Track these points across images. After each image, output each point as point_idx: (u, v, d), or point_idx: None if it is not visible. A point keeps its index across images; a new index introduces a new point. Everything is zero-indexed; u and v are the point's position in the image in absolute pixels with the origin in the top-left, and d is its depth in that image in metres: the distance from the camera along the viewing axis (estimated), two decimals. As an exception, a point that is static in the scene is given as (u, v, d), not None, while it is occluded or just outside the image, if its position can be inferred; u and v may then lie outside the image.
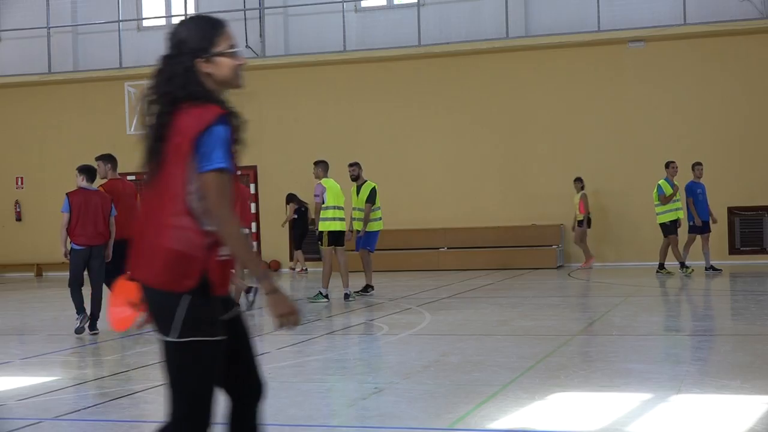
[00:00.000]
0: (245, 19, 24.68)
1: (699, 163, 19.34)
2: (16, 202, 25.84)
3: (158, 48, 17.30)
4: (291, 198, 23.35)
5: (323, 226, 15.33)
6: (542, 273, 20.81)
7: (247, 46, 24.58)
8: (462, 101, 23.49)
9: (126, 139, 24.69)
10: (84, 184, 12.15)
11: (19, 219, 26.04)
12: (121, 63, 25.41)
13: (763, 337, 10.46)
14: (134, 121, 24.37)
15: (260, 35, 24.70)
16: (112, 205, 12.27)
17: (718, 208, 21.78)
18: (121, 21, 25.47)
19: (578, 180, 21.74)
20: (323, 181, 15.50)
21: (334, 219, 15.33)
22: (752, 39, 22.05)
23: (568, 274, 20.35)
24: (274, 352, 10.25)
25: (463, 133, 23.44)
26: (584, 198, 21.58)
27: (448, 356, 9.49)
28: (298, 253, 23.56)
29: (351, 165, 16.47)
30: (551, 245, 22.51)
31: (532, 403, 6.95)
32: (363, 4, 24.72)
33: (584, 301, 15.66)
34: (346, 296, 15.38)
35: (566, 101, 22.92)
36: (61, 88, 25.82)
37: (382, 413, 6.89)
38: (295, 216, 23.34)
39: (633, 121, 22.61)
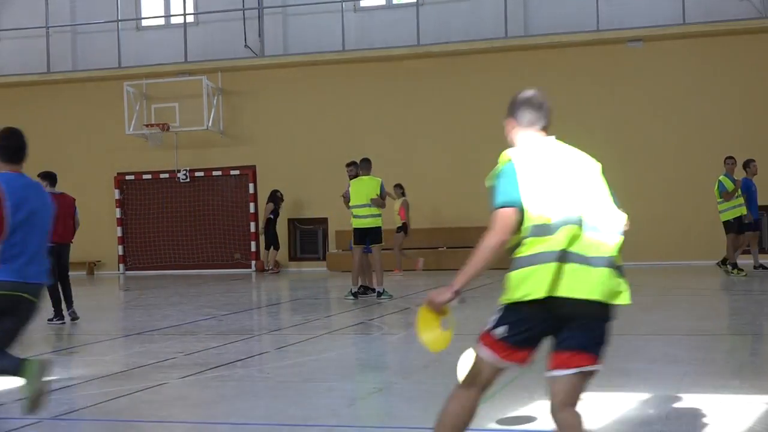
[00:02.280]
0: (244, 18, 24.67)
1: (753, 160, 18.85)
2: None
3: (157, 47, 17.50)
4: (271, 197, 23.55)
5: (353, 224, 15.68)
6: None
7: (246, 46, 24.58)
8: (461, 101, 23.48)
9: (125, 139, 24.72)
10: (48, 189, 12.97)
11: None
12: (120, 63, 25.39)
13: (762, 336, 10.47)
14: (133, 121, 24.39)
15: (259, 35, 24.69)
16: (75, 208, 13.50)
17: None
18: (120, 21, 25.44)
19: (398, 186, 21.61)
20: (353, 180, 15.71)
21: (355, 217, 15.56)
22: (751, 38, 22.05)
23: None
24: (274, 352, 10.26)
25: (463, 132, 23.43)
26: (405, 205, 21.51)
27: (448, 356, 9.42)
28: (268, 254, 23.69)
29: (348, 165, 16.39)
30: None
31: (532, 403, 6.95)
32: (362, 3, 24.71)
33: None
34: (379, 294, 15.39)
35: (564, 100, 22.89)
36: (60, 88, 25.79)
37: (382, 413, 6.89)
38: (271, 216, 23.49)
39: (631, 121, 22.60)
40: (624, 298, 4.74)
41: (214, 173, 24.74)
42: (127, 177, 25.27)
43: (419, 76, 23.70)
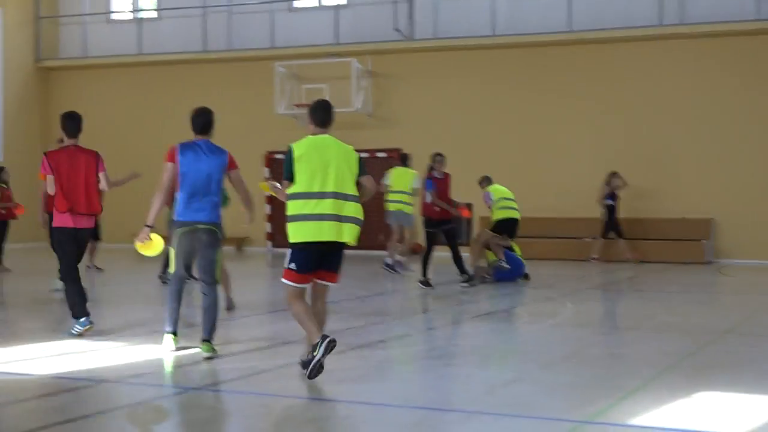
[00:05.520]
0: (395, 1, 24.76)
1: None
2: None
3: (308, 29, 18.06)
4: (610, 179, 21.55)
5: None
6: (690, 268, 20.27)
7: (396, 29, 24.68)
8: (613, 89, 23.01)
9: (274, 118, 25.20)
10: None
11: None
12: (272, 43, 25.87)
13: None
14: (283, 101, 24.82)
15: (410, 18, 24.75)
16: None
17: None
18: (274, 2, 25.90)
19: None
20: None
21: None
22: None
23: (718, 271, 19.77)
24: (415, 335, 10.31)
25: (612, 121, 22.99)
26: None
27: (589, 348, 9.36)
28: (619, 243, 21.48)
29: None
30: (700, 239, 21.89)
31: (674, 401, 6.80)
32: (515, -12, 24.46)
33: (733, 298, 15.20)
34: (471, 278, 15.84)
35: (716, 93, 22.20)
36: (216, 66, 26.48)
37: (520, 402, 6.85)
38: (610, 201, 21.59)
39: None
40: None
41: (361, 155, 24.93)
42: (276, 156, 25.77)
43: (570, 63, 23.34)
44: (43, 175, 9.89)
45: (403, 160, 18.43)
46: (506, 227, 16.23)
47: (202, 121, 8.82)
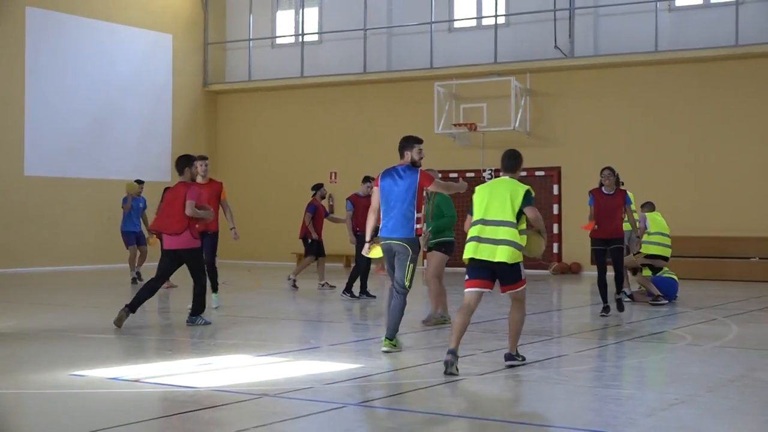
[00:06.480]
0: (555, 19, 24.57)
1: None
2: (329, 196, 27.11)
3: (467, 49, 18.29)
4: None
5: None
6: None
7: (555, 47, 24.48)
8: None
9: (434, 138, 25.30)
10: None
11: (331, 212, 27.32)
12: (431, 63, 26.05)
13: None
14: (442, 121, 24.93)
15: (569, 36, 24.50)
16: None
17: None
18: (433, 23, 26.09)
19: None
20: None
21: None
22: None
23: None
24: (572, 355, 10.17)
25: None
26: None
27: (757, 371, 9.02)
28: None
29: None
30: None
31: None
32: (677, 3, 23.90)
33: None
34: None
35: None
36: (376, 87, 26.83)
37: (683, 426, 6.66)
38: None
39: None
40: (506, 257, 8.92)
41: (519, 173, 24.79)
42: (436, 172, 25.88)
43: (736, 79, 22.61)
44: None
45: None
46: (654, 260, 15.99)
47: (402, 144, 11.28)
